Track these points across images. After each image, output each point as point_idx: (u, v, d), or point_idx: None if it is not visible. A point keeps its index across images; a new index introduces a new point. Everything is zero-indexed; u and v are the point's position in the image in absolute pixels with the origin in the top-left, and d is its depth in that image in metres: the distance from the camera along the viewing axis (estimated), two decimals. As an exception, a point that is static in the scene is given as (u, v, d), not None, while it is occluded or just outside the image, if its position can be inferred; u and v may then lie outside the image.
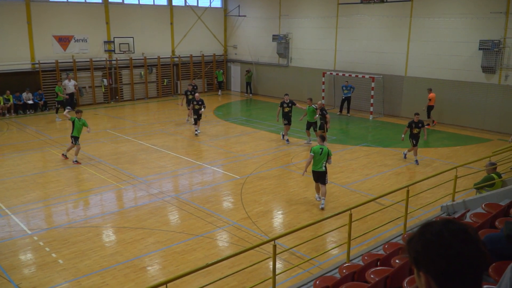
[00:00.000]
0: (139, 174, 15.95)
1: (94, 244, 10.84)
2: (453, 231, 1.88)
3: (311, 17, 29.64)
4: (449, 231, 1.88)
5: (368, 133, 22.83)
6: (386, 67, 25.99)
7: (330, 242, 11.07)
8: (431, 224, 1.95)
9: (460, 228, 1.89)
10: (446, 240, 1.86)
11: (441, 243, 1.86)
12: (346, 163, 17.33)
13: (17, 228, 11.68)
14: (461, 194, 12.51)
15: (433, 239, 1.88)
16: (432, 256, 1.86)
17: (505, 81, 21.66)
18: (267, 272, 9.32)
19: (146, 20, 31.19)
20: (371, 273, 6.62)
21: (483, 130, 22.46)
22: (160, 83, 32.35)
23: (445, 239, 1.86)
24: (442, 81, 23.77)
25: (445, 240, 1.86)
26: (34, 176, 15.81)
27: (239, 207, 13.13)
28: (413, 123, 17.01)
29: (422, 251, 1.90)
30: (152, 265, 9.96)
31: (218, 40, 35.64)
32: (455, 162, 16.83)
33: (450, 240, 1.85)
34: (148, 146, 19.56)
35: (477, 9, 22.07)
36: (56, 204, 13.36)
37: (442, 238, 1.87)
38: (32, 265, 9.90)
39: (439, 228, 1.90)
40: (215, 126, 23.72)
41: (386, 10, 25.68)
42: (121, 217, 12.51)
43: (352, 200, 13.55)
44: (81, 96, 28.78)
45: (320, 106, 19.28)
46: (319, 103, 19.49)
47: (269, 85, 33.22)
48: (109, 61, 29.67)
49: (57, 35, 27.55)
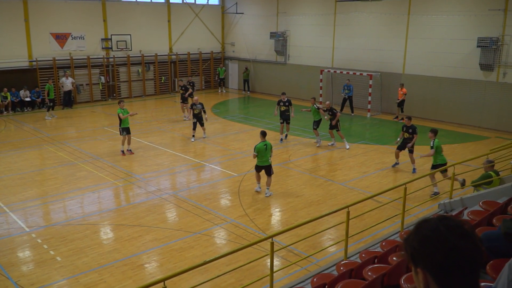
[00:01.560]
0: (137, 172, 15.95)
1: (92, 241, 10.84)
2: (450, 227, 1.90)
3: (309, 15, 29.62)
4: (446, 226, 1.90)
5: (366, 131, 22.85)
6: (384, 65, 25.99)
7: (327, 239, 11.08)
8: (427, 220, 1.97)
9: (456, 223, 1.91)
10: (443, 234, 1.87)
11: (437, 238, 1.88)
12: (344, 161, 17.34)
13: (15, 226, 11.67)
14: (458, 191, 12.53)
15: (430, 234, 1.90)
16: (429, 251, 1.88)
17: (503, 78, 21.68)
18: (264, 270, 9.34)
19: (143, 17, 31.13)
20: (369, 271, 6.63)
21: (481, 127, 22.48)
22: (158, 81, 32.31)
23: (441, 234, 1.88)
24: (440, 79, 23.78)
25: (441, 234, 1.88)
26: (31, 173, 15.79)
27: (237, 204, 13.14)
28: (404, 127, 16.15)
29: (419, 246, 1.91)
30: (149, 263, 9.97)
31: (216, 37, 35.60)
32: (452, 159, 16.85)
33: (447, 234, 1.87)
34: (145, 143, 19.55)
35: (475, 6, 22.07)
36: (54, 202, 13.35)
37: (439, 233, 1.89)
38: (30, 262, 9.90)
39: (436, 224, 1.92)
40: (213, 123, 23.70)
41: (383, 7, 25.67)
42: (119, 214, 12.51)
43: (350, 197, 13.56)
44: (79, 94, 28.73)
45: (328, 106, 18.96)
46: (327, 103, 19.17)
47: (266, 82, 33.20)
48: (106, 58, 29.61)
49: (54, 32, 27.48)
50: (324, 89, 28.36)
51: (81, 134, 21.29)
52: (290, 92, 31.24)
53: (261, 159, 13.42)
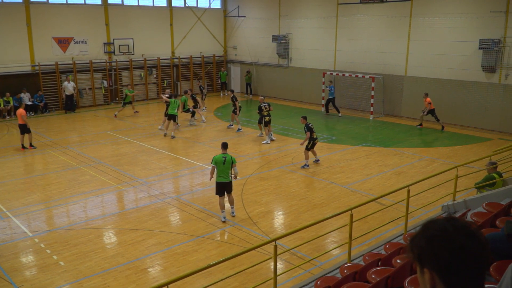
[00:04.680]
0: (140, 176, 15.96)
1: (95, 245, 10.84)
2: (457, 227, 1.91)
3: (310, 18, 29.64)
4: (453, 227, 1.91)
5: (368, 133, 22.83)
6: (386, 67, 25.99)
7: (331, 242, 11.06)
8: (434, 221, 2.00)
9: (463, 224, 1.93)
10: (450, 234, 1.89)
11: (445, 237, 1.89)
12: (347, 163, 17.33)
13: (18, 230, 11.69)
14: (462, 193, 12.51)
15: (437, 233, 1.92)
16: (436, 250, 1.89)
17: (505, 80, 21.65)
18: (268, 273, 9.32)
19: (145, 21, 31.20)
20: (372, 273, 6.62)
21: (484, 129, 22.45)
22: (160, 84, 32.36)
23: (449, 233, 1.90)
24: (442, 81, 23.77)
25: (449, 234, 1.89)
26: (35, 178, 15.82)
27: (240, 207, 13.13)
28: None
29: (426, 246, 1.92)
30: (153, 267, 9.96)
31: (218, 41, 35.65)
32: (455, 161, 16.83)
33: (454, 234, 1.89)
34: (148, 147, 19.56)
35: (477, 8, 22.06)
36: (57, 206, 13.36)
37: (446, 232, 1.90)
38: (33, 267, 9.90)
39: (443, 224, 1.94)
40: (215, 127, 23.72)
41: (385, 10, 25.68)
42: (122, 218, 12.51)
43: (353, 200, 13.55)
44: (81, 98, 28.80)
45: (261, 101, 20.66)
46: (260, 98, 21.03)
47: (269, 85, 33.22)
48: (109, 62, 29.68)
49: (57, 37, 27.56)
50: (326, 92, 28.34)
51: (84, 138, 21.31)
52: (292, 95, 31.40)
53: (220, 174, 12.04)
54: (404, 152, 18.69)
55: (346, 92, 28.10)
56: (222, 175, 12.09)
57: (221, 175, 12.09)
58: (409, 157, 17.97)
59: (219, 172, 12.07)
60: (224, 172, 12.07)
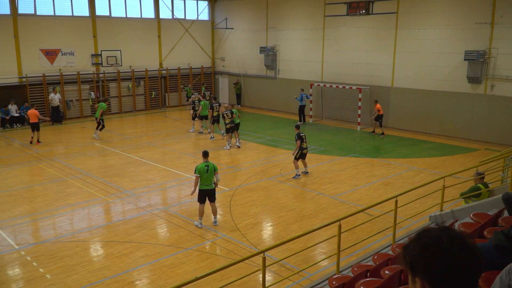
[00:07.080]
0: (127, 187, 15.86)
1: (82, 258, 10.73)
2: (451, 237, 1.91)
3: (298, 29, 29.83)
4: (447, 237, 1.91)
5: (356, 144, 22.94)
6: (373, 78, 26.18)
7: (319, 253, 11.06)
8: (428, 230, 1.99)
9: (457, 234, 1.93)
10: (444, 244, 1.88)
11: (439, 248, 1.89)
12: (335, 174, 17.37)
13: (4, 243, 11.54)
14: (449, 204, 12.58)
15: (431, 243, 1.91)
16: (430, 260, 1.88)
17: (491, 91, 21.90)
18: (257, 285, 9.28)
19: (133, 33, 31.19)
20: (361, 284, 6.61)
21: (470, 140, 22.64)
22: (148, 96, 32.30)
23: (443, 243, 1.89)
24: (429, 92, 23.98)
25: (443, 244, 1.89)
26: (21, 190, 15.66)
27: (228, 219, 13.09)
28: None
29: (420, 255, 1.91)
30: (140, 279, 9.88)
31: (206, 52, 35.72)
32: (442, 172, 16.93)
33: (448, 245, 1.88)
34: (136, 159, 19.47)
35: (462, 20, 22.34)
36: (44, 219, 13.22)
37: (440, 242, 1.90)
38: (20, 280, 9.78)
39: (437, 233, 1.94)
40: (204, 138, 23.69)
41: (372, 22, 25.92)
42: (109, 231, 12.41)
43: (341, 211, 13.56)
44: (68, 109, 28.64)
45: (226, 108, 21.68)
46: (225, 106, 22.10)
47: (257, 97, 33.30)
48: (96, 74, 29.59)
49: (44, 48, 27.45)
50: (314, 103, 28.49)
51: (70, 150, 21.17)
52: (280, 106, 31.47)
53: (204, 182, 12.32)
54: (391, 163, 18.79)
55: (333, 103, 28.24)
56: (206, 183, 12.40)
57: (204, 183, 12.39)
58: (396, 168, 18.06)
59: (203, 181, 12.37)
60: (207, 180, 12.40)
